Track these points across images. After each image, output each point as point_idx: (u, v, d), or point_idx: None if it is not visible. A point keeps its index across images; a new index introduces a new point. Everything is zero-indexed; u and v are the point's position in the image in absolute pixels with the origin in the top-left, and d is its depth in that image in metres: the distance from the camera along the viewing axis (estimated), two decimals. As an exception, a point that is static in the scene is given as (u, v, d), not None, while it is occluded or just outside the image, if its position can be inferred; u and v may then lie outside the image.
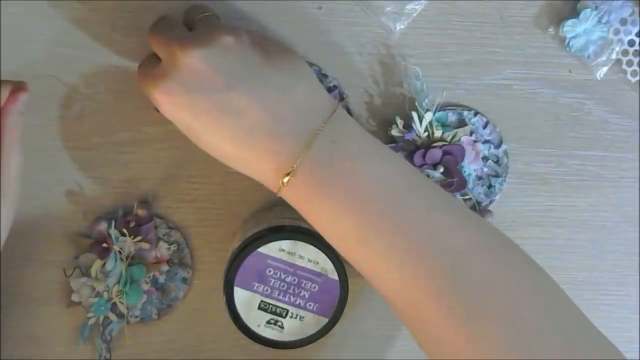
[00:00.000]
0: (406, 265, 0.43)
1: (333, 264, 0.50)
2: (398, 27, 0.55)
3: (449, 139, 0.56)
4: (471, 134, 0.56)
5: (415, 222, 0.44)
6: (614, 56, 0.56)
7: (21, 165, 0.47)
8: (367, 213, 0.44)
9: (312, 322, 0.50)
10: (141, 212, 0.55)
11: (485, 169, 0.57)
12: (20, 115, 0.47)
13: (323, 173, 0.44)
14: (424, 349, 0.44)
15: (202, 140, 0.46)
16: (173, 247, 0.56)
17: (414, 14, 0.55)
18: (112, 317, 0.56)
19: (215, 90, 0.44)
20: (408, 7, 0.55)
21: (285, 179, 0.45)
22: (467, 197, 0.56)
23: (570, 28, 0.55)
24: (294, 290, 0.50)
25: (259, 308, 0.50)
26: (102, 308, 0.56)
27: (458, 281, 0.42)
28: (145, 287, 0.56)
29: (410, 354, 0.59)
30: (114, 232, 0.55)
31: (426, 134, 0.55)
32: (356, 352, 0.59)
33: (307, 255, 0.50)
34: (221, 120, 0.45)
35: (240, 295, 0.50)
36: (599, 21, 0.55)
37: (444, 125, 0.56)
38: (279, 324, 0.50)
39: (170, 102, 0.45)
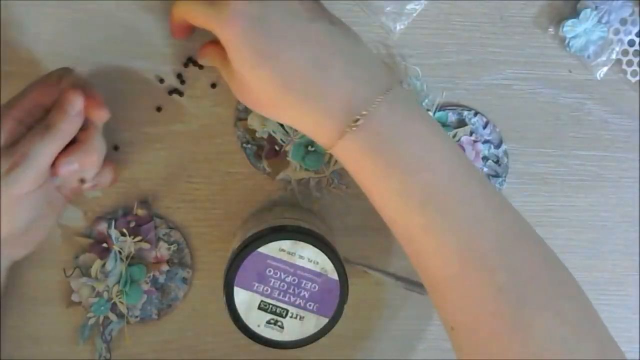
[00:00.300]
0: (464, 238, 0.42)
1: (333, 264, 0.50)
2: (398, 27, 0.55)
3: (449, 139, 0.56)
4: (471, 134, 0.56)
5: (480, 195, 0.43)
6: (614, 56, 0.56)
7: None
8: (438, 173, 0.43)
9: (312, 322, 0.50)
10: (141, 212, 0.55)
11: (485, 169, 0.57)
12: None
13: (398, 123, 0.43)
14: (456, 332, 0.43)
15: (265, 70, 0.43)
16: (173, 247, 0.56)
17: (414, 14, 0.55)
18: (112, 317, 0.56)
19: (298, 17, 0.43)
20: (408, 7, 0.55)
21: (358, 122, 0.42)
22: (467, 197, 0.56)
23: (570, 28, 0.55)
24: (294, 290, 0.50)
25: (259, 308, 0.50)
26: (102, 308, 0.56)
27: (512, 262, 0.42)
28: (145, 287, 0.56)
29: (410, 353, 0.59)
30: (114, 232, 0.55)
31: (426, 134, 0.55)
32: (356, 352, 0.59)
33: (307, 255, 0.50)
34: (298, 47, 0.42)
35: (240, 295, 0.50)
36: (599, 21, 0.55)
37: (444, 125, 0.56)
38: (279, 324, 0.50)
39: (248, 18, 0.42)
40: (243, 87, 0.45)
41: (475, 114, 0.56)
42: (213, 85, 0.55)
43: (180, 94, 0.55)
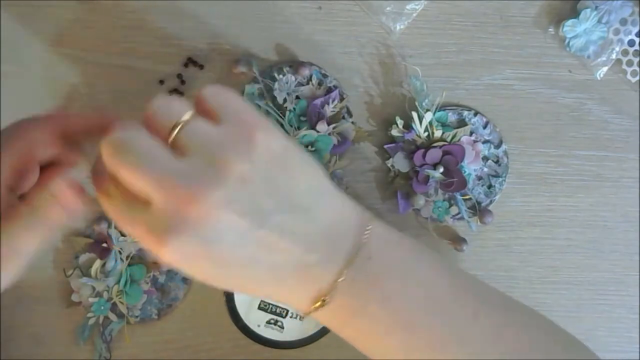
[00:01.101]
0: None
1: (333, 264, 0.50)
2: (398, 27, 0.55)
3: (449, 139, 0.56)
4: (471, 134, 0.56)
5: (464, 330, 0.40)
6: (614, 56, 0.56)
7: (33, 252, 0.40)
8: (414, 328, 0.40)
9: (312, 322, 0.50)
10: (141, 212, 0.55)
11: (485, 169, 0.57)
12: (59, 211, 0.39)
13: (361, 294, 0.39)
14: None
15: (221, 285, 0.38)
16: (173, 247, 0.56)
17: (414, 14, 0.55)
18: (112, 317, 0.56)
19: (240, 235, 0.36)
20: (408, 7, 0.55)
21: (318, 305, 0.39)
22: (467, 197, 0.56)
23: (570, 28, 0.55)
24: (294, 290, 0.50)
25: (259, 308, 0.50)
26: (102, 308, 0.56)
27: None
28: (145, 287, 0.56)
29: (410, 354, 0.59)
30: (114, 232, 0.55)
31: (426, 134, 0.55)
32: (356, 352, 0.59)
33: (307, 255, 0.50)
34: (248, 266, 0.37)
35: (240, 295, 0.50)
36: (599, 21, 0.55)
37: (444, 125, 0.56)
38: (279, 324, 0.50)
39: (185, 258, 0.36)
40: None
41: (475, 114, 0.56)
42: (213, 85, 0.55)
43: (181, 94, 0.55)
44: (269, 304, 0.50)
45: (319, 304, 0.39)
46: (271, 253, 0.37)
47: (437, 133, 0.56)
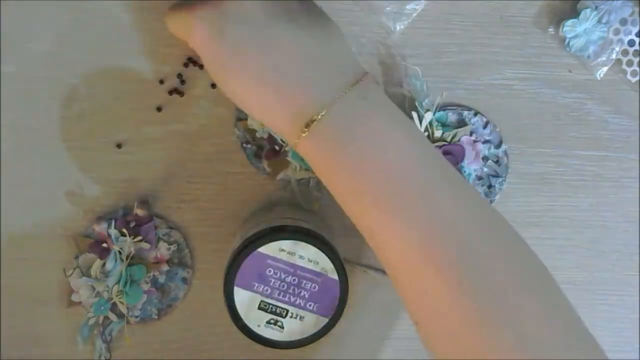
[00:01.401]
0: (421, 232, 0.42)
1: (333, 264, 0.50)
2: (398, 27, 0.55)
3: (449, 139, 0.56)
4: (471, 134, 0.56)
5: (436, 190, 0.43)
6: (614, 56, 0.56)
7: None
8: (390, 173, 0.43)
9: (312, 322, 0.50)
10: (141, 212, 0.55)
11: (485, 169, 0.57)
12: None
13: (349, 127, 0.44)
14: (420, 326, 0.43)
15: (228, 76, 0.45)
16: (173, 247, 0.56)
17: (414, 14, 0.55)
18: (112, 317, 0.56)
19: (256, 25, 0.44)
20: (408, 7, 0.55)
21: (307, 128, 0.44)
22: (467, 197, 0.56)
23: (570, 28, 0.55)
24: (294, 290, 0.50)
25: (259, 308, 0.50)
26: (102, 308, 0.56)
27: (468, 257, 0.41)
28: (145, 287, 0.56)
29: (410, 353, 0.59)
30: (114, 232, 0.55)
31: (426, 134, 0.55)
32: (356, 352, 0.59)
33: (307, 255, 0.50)
34: (256, 54, 0.44)
35: (240, 295, 0.50)
36: (599, 21, 0.55)
37: (444, 125, 0.56)
38: (279, 324, 0.50)
39: (208, 29, 0.45)
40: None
41: (475, 114, 0.56)
42: (213, 85, 0.55)
43: (181, 94, 0.55)
44: (269, 303, 0.50)
45: (308, 127, 0.43)
46: (277, 52, 0.44)
47: (437, 133, 0.56)
